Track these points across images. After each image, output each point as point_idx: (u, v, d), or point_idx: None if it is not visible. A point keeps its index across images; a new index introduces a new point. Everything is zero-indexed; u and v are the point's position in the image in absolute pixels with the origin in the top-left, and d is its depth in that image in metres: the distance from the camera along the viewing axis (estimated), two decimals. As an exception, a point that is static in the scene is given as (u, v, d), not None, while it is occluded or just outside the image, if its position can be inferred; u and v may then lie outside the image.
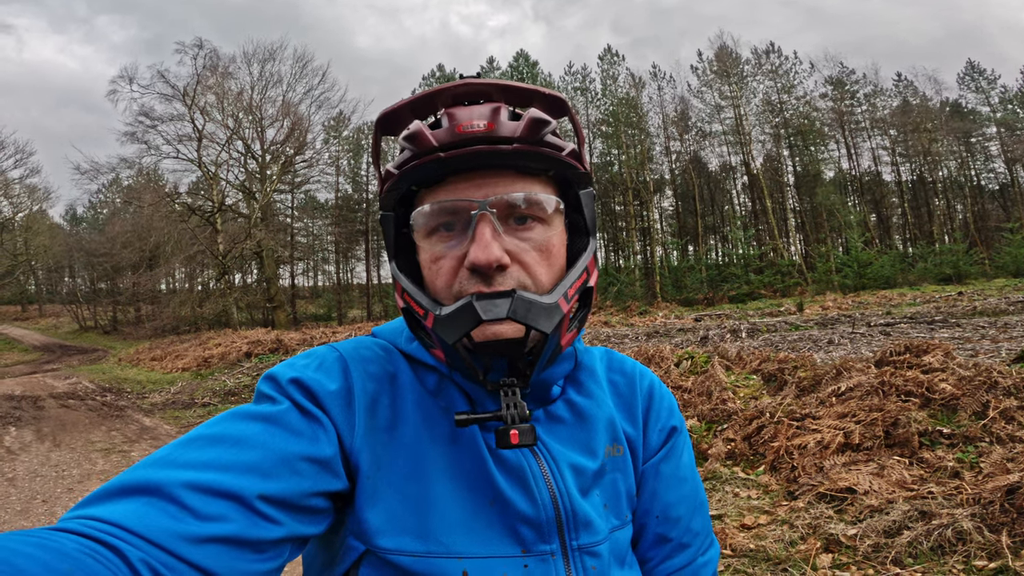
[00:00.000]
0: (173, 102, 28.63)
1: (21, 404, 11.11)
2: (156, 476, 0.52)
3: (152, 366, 18.57)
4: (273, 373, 0.67)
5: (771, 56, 39.53)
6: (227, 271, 29.34)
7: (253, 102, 30.72)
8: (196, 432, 0.59)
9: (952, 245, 31.02)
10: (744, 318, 17.41)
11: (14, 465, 6.42)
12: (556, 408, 0.75)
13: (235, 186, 30.83)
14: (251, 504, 0.53)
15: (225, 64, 29.90)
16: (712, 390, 5.49)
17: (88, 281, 45.99)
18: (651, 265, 36.67)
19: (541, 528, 0.67)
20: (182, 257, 29.60)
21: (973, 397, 3.99)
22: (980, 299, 16.04)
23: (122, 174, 32.29)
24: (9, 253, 36.87)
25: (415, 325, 0.68)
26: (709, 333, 12.28)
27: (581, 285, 0.67)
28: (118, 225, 32.87)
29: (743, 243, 34.22)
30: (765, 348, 8.39)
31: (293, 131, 31.01)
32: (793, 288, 28.65)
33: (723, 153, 41.47)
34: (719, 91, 39.27)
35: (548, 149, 0.65)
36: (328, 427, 0.63)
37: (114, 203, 40.98)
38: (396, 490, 0.64)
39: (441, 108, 0.65)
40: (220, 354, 16.91)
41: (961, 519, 2.86)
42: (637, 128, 38.49)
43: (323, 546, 0.68)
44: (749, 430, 4.55)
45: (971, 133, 38.48)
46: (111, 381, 15.44)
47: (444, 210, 0.64)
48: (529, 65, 41.73)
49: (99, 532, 0.46)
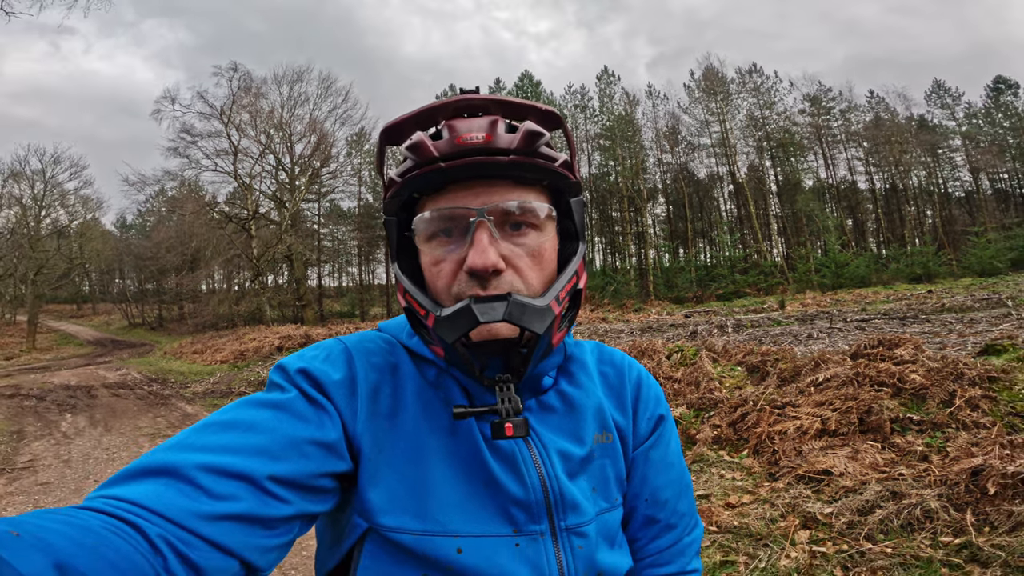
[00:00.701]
0: (211, 120, 28.87)
1: (76, 393, 11.22)
2: (173, 459, 0.51)
3: (194, 359, 18.70)
4: (283, 364, 0.67)
5: (753, 75, 39.36)
6: (260, 273, 29.52)
7: (283, 120, 30.91)
8: (211, 418, 0.58)
9: (922, 247, 30.75)
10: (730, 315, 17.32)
11: (69, 448, 6.49)
12: (547, 398, 0.74)
13: (267, 196, 31.03)
14: (262, 484, 0.53)
15: (257, 85, 30.11)
16: (700, 380, 5.46)
17: (136, 282, 46.44)
18: (645, 266, 36.56)
19: (531, 510, 0.66)
20: (220, 260, 29.83)
21: (941, 387, 3.95)
22: (948, 297, 15.87)
23: (166, 185, 32.54)
24: (66, 257, 37.24)
25: (417, 324, 0.68)
26: (698, 328, 12.22)
27: (571, 288, 0.67)
28: (163, 231, 33.12)
29: (729, 246, 34.12)
30: (749, 342, 8.33)
31: (319, 146, 31.17)
32: (775, 287, 28.50)
33: (711, 164, 41.33)
34: (707, 108, 39.15)
35: (542, 160, 0.64)
36: (333, 413, 0.63)
37: (159, 212, 41.29)
38: (396, 472, 0.64)
39: (442, 120, 0.64)
40: (254, 348, 17.01)
41: (929, 499, 2.83)
42: (632, 141, 38.40)
43: (332, 524, 0.68)
44: (734, 417, 4.52)
45: (938, 145, 38.19)
46: (157, 372, 15.57)
47: (444, 217, 0.64)
48: (532, 85, 41.67)
49: (121, 510, 0.46)
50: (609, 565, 0.70)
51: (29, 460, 5.97)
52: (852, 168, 39.56)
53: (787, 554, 2.72)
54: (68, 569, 0.38)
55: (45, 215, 35.79)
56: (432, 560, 0.61)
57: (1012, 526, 2.54)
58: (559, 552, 0.66)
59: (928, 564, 2.45)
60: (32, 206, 35.20)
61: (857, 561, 2.57)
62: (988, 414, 3.62)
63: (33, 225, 34.51)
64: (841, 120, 39.51)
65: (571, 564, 0.66)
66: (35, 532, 0.39)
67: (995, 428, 3.36)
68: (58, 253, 35.18)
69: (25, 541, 0.37)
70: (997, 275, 23.63)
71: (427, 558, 0.61)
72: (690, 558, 0.79)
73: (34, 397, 10.68)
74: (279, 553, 0.56)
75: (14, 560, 0.35)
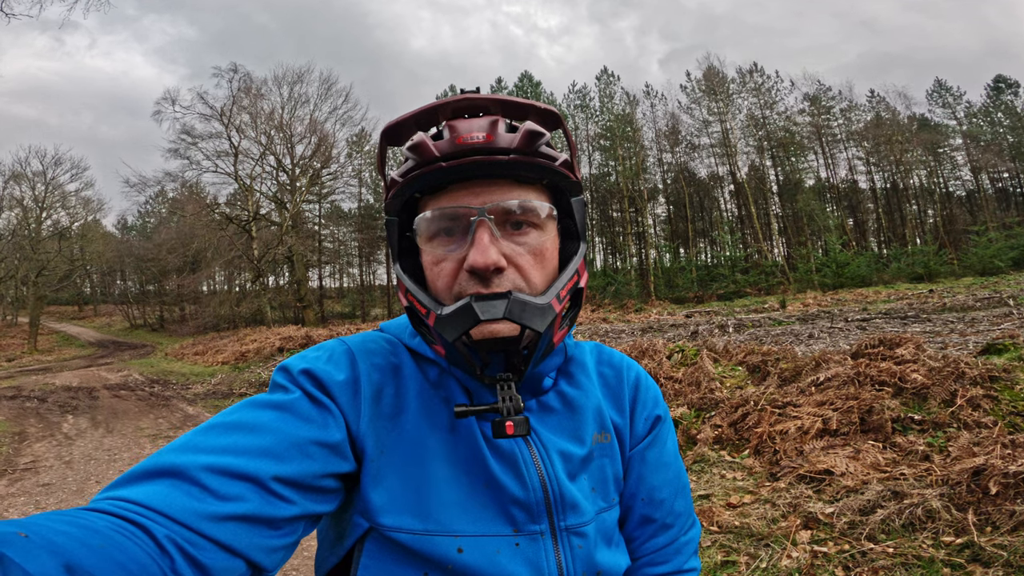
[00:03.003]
0: (212, 121, 28.88)
1: (78, 394, 11.23)
2: (179, 460, 0.52)
3: (195, 360, 18.70)
4: (286, 365, 0.67)
5: (754, 75, 39.34)
6: (261, 274, 29.53)
7: (283, 121, 30.91)
8: (215, 420, 0.58)
9: (923, 247, 30.73)
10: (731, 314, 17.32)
11: (71, 449, 6.50)
12: (548, 399, 0.74)
13: (268, 197, 31.02)
14: (266, 485, 0.53)
15: (258, 86, 30.12)
16: (701, 380, 5.45)
17: (138, 283, 46.51)
18: (646, 266, 36.56)
19: (531, 510, 0.66)
20: (221, 261, 29.87)
21: (942, 386, 3.94)
22: (949, 296, 15.86)
23: (167, 187, 32.55)
24: (67, 259, 37.27)
25: (418, 323, 0.68)
26: (699, 328, 12.21)
27: (572, 286, 0.67)
28: (164, 233, 33.12)
29: (730, 246, 34.10)
30: (750, 342, 8.33)
31: (320, 147, 31.17)
32: (776, 287, 28.47)
33: (711, 164, 41.33)
34: (707, 107, 39.13)
35: (543, 159, 0.64)
36: (336, 414, 0.63)
37: (160, 213, 41.38)
38: (398, 472, 0.64)
39: (443, 120, 0.65)
40: (255, 349, 17.01)
41: (930, 499, 2.82)
42: (632, 141, 38.38)
43: (333, 523, 0.68)
44: (735, 417, 4.51)
45: (939, 144, 38.13)
46: (158, 374, 15.58)
47: (445, 216, 0.64)
48: (533, 85, 41.68)
49: (127, 511, 0.47)
50: (608, 564, 0.70)
51: (31, 461, 5.97)
52: (853, 167, 39.56)
53: (788, 554, 2.71)
54: (77, 570, 0.38)
55: (46, 217, 35.82)
56: (432, 560, 0.62)
57: (1014, 526, 2.53)
58: (559, 552, 0.66)
59: (930, 564, 2.45)
60: (33, 208, 35.21)
61: (859, 561, 2.56)
62: (990, 413, 3.61)
63: (34, 227, 34.52)
64: (841, 119, 39.49)
65: (570, 564, 0.66)
66: (43, 533, 0.39)
67: (997, 427, 3.36)
68: (59, 255, 35.17)
69: (34, 542, 0.37)
70: (998, 274, 23.61)
71: (427, 558, 0.62)
72: (687, 557, 0.79)
73: (36, 398, 10.70)
74: (285, 553, 0.56)
75: (24, 561, 0.35)
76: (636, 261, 39.24)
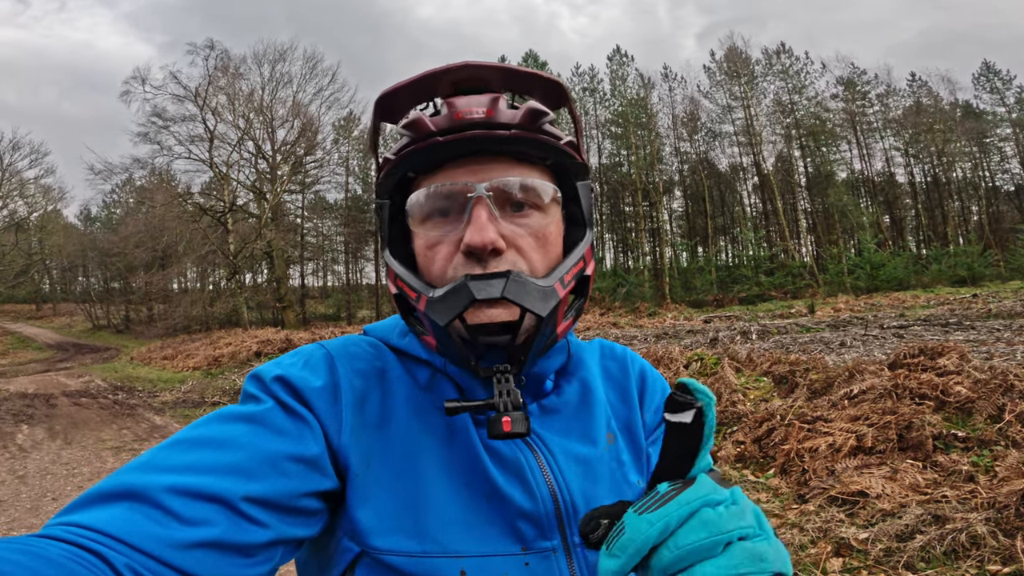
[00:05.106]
0: (185, 103, 28.90)
1: (34, 402, 11.24)
2: (139, 481, 0.51)
3: (163, 365, 18.73)
4: (258, 372, 0.66)
5: (781, 57, 39.35)
6: (238, 271, 29.58)
7: (264, 103, 30.94)
8: (180, 435, 0.58)
9: (966, 247, 30.71)
10: (754, 320, 17.32)
11: (25, 463, 6.49)
12: (550, 401, 0.73)
13: (246, 186, 31.04)
14: (236, 506, 0.52)
15: (236, 65, 30.15)
16: (722, 392, 5.45)
17: (101, 280, 46.56)
18: (660, 266, 36.58)
19: (541, 523, 0.64)
20: (194, 257, 29.87)
21: (988, 400, 3.93)
22: (995, 301, 15.85)
23: (135, 174, 32.57)
24: (24, 252, 37.41)
25: (407, 311, 0.68)
26: (719, 335, 12.21)
27: (578, 272, 0.67)
28: (131, 225, 33.13)
29: (753, 244, 34.05)
30: (776, 350, 8.32)
31: (303, 132, 31.22)
32: (804, 290, 28.46)
33: (733, 154, 41.36)
34: (729, 92, 39.15)
35: (546, 136, 0.64)
36: (314, 424, 0.62)
37: (127, 203, 41.38)
38: (388, 488, 0.63)
39: (440, 92, 0.65)
40: (230, 353, 17.02)
41: (975, 523, 2.81)
42: (647, 129, 38.41)
43: (318, 549, 0.66)
44: (759, 432, 4.51)
45: (985, 134, 38.09)
46: (123, 379, 15.60)
47: (440, 194, 0.64)
48: (538, 66, 41.80)
49: (83, 539, 0.46)
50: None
51: (-19, 475, 5.98)
52: (890, 159, 39.55)
53: (818, 584, 2.70)
54: None
55: (2, 207, 35.96)
56: None
57: (1068, 555, 2.52)
58: (573, 570, 0.64)
59: (975, 596, 2.44)
60: (-13, 197, 35.38)
61: (896, 592, 2.55)
62: (1041, 431, 3.60)
63: (-12, 217, 34.68)
64: (878, 106, 39.48)
65: None
66: None
67: (1049, 446, 3.35)
68: (15, 248, 35.31)
69: None
70: (1050, 278, 23.59)
71: None
72: None
73: (-12, 406, 10.71)
74: None
75: None
76: (650, 260, 39.24)
